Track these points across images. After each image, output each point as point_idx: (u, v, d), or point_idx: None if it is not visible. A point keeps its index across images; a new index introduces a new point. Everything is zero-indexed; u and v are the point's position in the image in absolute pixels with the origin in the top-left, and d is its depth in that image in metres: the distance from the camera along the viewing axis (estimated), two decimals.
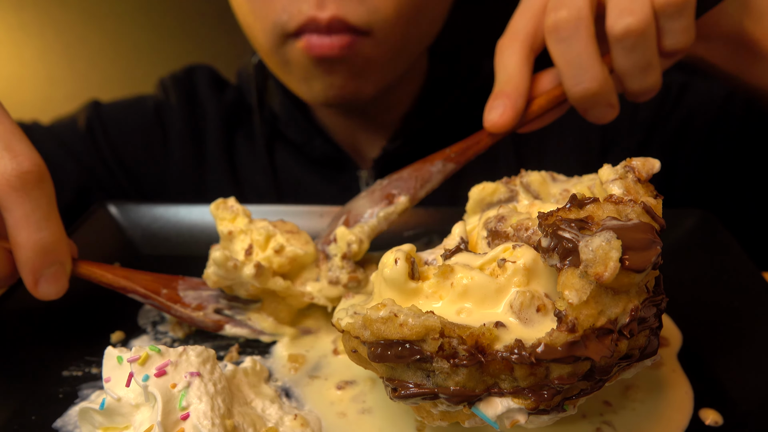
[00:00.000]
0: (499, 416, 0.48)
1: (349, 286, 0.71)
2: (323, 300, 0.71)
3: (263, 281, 0.68)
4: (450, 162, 0.75)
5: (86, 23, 1.98)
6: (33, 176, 0.60)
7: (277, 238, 0.71)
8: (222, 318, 0.72)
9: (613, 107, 0.74)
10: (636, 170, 0.54)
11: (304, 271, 0.73)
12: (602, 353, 0.45)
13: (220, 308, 0.73)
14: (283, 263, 0.70)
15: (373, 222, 0.74)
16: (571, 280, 0.45)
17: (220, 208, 0.75)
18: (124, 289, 0.69)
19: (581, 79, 0.70)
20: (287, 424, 0.57)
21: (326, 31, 0.88)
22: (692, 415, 0.58)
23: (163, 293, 0.71)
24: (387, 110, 1.15)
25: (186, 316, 0.70)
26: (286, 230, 0.73)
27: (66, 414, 0.60)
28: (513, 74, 0.73)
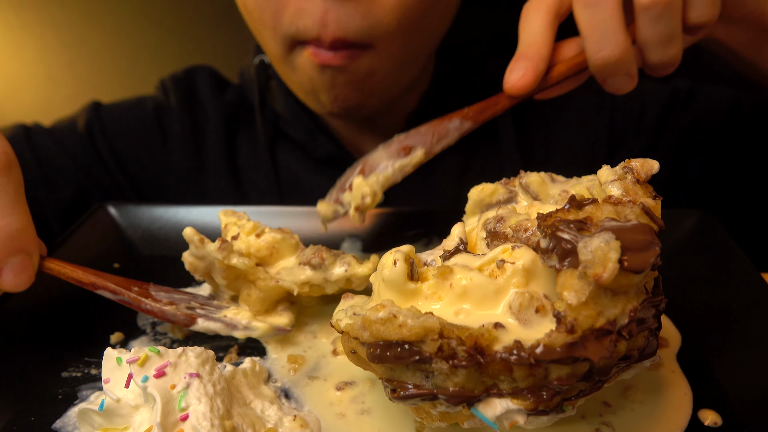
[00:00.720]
0: (498, 417, 0.48)
1: (313, 262, 0.70)
2: (289, 283, 0.69)
3: (227, 256, 0.69)
4: (467, 120, 0.76)
5: (86, 23, 1.98)
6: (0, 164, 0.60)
7: (263, 228, 0.74)
8: (194, 313, 0.71)
9: (632, 78, 0.74)
10: (635, 171, 0.54)
11: (282, 260, 0.73)
12: (601, 354, 0.45)
13: (192, 306, 0.72)
14: (261, 247, 0.72)
15: (388, 172, 0.75)
16: (570, 281, 0.45)
17: (228, 213, 0.78)
18: (94, 285, 0.68)
19: (604, 45, 0.70)
20: (286, 425, 0.57)
21: (329, 48, 0.90)
22: (691, 416, 0.58)
23: (133, 290, 0.70)
24: (392, 111, 1.15)
25: (157, 309, 0.69)
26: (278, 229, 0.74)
27: (65, 415, 0.60)
28: (536, 38, 0.73)
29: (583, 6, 0.70)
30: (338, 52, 0.90)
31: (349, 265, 0.71)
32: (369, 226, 0.88)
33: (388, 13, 0.88)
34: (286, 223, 0.88)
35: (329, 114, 1.09)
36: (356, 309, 0.52)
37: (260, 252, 0.72)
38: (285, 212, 0.90)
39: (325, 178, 1.14)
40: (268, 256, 0.72)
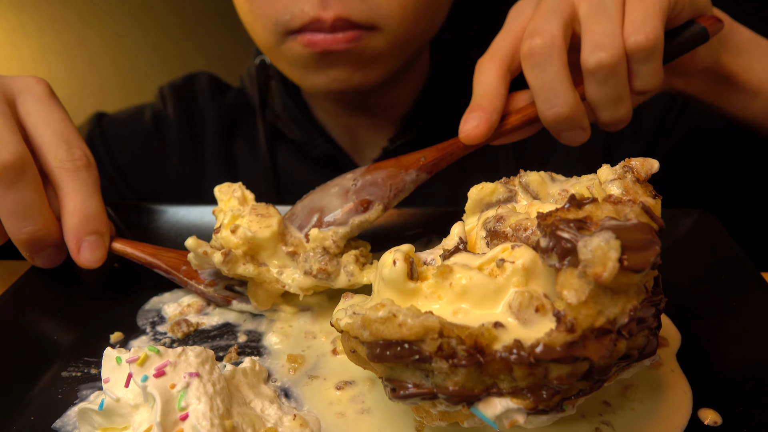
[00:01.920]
0: (498, 416, 0.48)
1: (318, 277, 0.71)
2: (295, 288, 0.72)
3: (232, 268, 0.70)
4: (423, 172, 0.78)
5: (86, 24, 1.98)
6: (82, 162, 0.73)
7: (238, 220, 0.73)
8: (230, 294, 0.76)
9: (585, 130, 0.76)
10: (635, 170, 0.54)
11: (263, 251, 0.73)
12: (601, 353, 0.45)
13: (231, 285, 0.77)
14: (238, 244, 0.71)
15: (346, 229, 0.75)
16: (570, 280, 0.45)
17: (222, 190, 0.79)
18: (150, 265, 0.77)
19: (554, 102, 0.72)
20: (286, 425, 0.57)
21: (330, 30, 0.90)
22: (691, 415, 0.58)
23: (182, 269, 0.76)
24: (388, 109, 1.17)
25: (199, 290, 0.76)
26: (258, 213, 0.74)
27: (65, 414, 0.60)
28: (489, 90, 0.75)
29: (530, 66, 0.72)
30: (340, 34, 0.91)
31: (352, 275, 0.72)
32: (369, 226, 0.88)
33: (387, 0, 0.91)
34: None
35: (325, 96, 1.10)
36: (356, 308, 0.52)
37: (239, 248, 0.72)
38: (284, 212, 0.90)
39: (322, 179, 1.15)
40: (249, 250, 0.72)
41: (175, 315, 0.74)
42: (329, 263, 0.72)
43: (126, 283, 0.80)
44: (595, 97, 0.74)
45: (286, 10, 0.90)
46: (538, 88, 0.73)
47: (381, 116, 1.18)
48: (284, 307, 0.75)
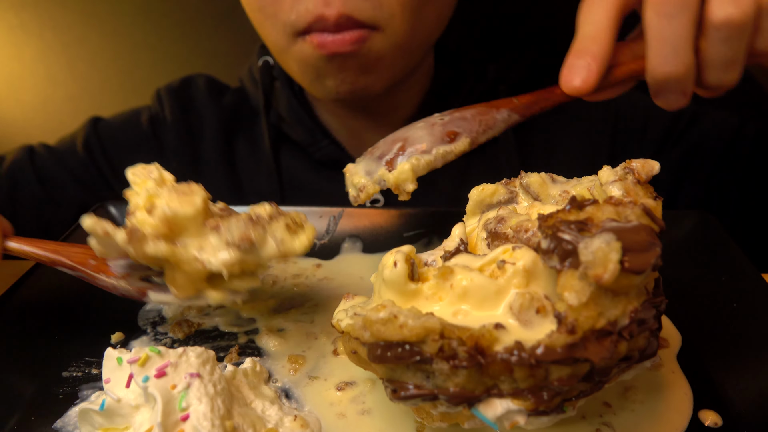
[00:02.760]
0: (498, 417, 0.48)
1: (242, 247, 0.62)
2: (217, 265, 0.62)
3: (139, 248, 0.60)
4: (515, 113, 0.73)
5: (86, 24, 1.98)
6: None
7: (154, 199, 0.63)
8: (145, 285, 0.67)
9: (686, 97, 0.71)
10: (635, 172, 0.54)
11: (186, 232, 0.63)
12: (602, 355, 0.45)
13: (148, 275, 0.68)
14: (157, 225, 0.61)
15: (430, 158, 0.69)
16: (571, 281, 0.45)
17: (137, 172, 0.69)
18: (53, 263, 0.68)
19: (670, 60, 0.66)
20: (287, 425, 0.57)
21: (335, 29, 0.89)
22: (692, 417, 0.58)
23: (90, 264, 0.68)
24: (392, 111, 1.16)
25: (110, 285, 0.67)
26: (178, 191, 0.65)
27: (66, 414, 0.60)
28: (600, 31, 0.68)
29: (657, 14, 0.66)
30: (346, 34, 0.89)
31: (282, 242, 0.64)
32: (369, 226, 0.88)
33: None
34: None
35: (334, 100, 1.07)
36: (357, 309, 0.52)
37: (159, 230, 0.62)
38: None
39: (326, 180, 1.15)
40: (169, 232, 0.62)
41: (176, 315, 0.74)
42: (253, 230, 0.63)
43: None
44: (710, 55, 0.67)
45: (291, 9, 0.89)
46: (657, 41, 0.66)
47: (385, 118, 1.16)
48: (210, 293, 0.66)
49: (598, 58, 0.68)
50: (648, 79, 0.70)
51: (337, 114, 1.16)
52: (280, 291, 0.79)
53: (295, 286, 0.80)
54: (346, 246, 0.88)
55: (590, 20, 0.69)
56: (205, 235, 0.63)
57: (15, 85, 2.07)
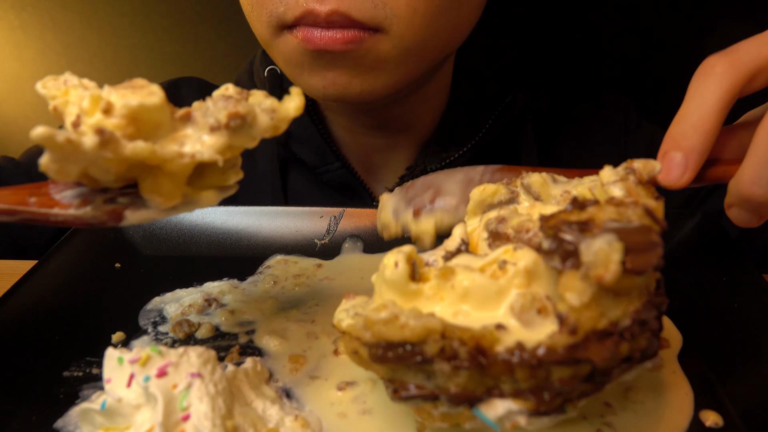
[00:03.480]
0: (499, 418, 0.48)
1: (232, 125, 0.53)
2: (208, 152, 0.53)
3: (116, 149, 0.49)
4: None
5: (86, 24, 1.98)
6: None
7: (106, 97, 0.52)
8: (116, 206, 0.56)
9: (761, 220, 0.64)
10: (637, 172, 0.54)
11: (158, 131, 0.54)
12: (603, 355, 0.45)
13: (111, 197, 0.56)
14: (121, 125, 0.51)
15: (452, 219, 0.67)
16: (572, 282, 0.45)
17: (48, 86, 0.56)
18: None
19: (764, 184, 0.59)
20: (288, 425, 0.57)
21: (326, 25, 0.79)
22: (692, 417, 0.58)
23: (31, 202, 0.55)
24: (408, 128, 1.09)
25: (70, 218, 0.55)
26: (126, 87, 0.53)
27: (67, 414, 0.60)
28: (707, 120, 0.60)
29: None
30: (339, 33, 0.79)
31: (273, 110, 0.56)
32: (370, 226, 0.88)
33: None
34: (286, 223, 0.88)
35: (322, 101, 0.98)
36: (358, 309, 0.52)
37: (125, 131, 0.51)
38: (286, 212, 0.90)
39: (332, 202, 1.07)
40: (136, 132, 0.52)
41: (177, 315, 0.74)
42: (238, 105, 0.54)
43: (127, 283, 0.80)
44: None
45: (280, 2, 0.81)
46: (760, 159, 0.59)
47: (400, 137, 1.08)
48: (201, 194, 0.58)
49: (697, 153, 0.61)
50: (732, 188, 0.63)
51: (352, 130, 1.09)
52: (280, 291, 0.79)
53: (296, 286, 0.80)
54: (347, 246, 0.88)
55: (699, 97, 0.61)
56: (177, 128, 0.54)
57: (15, 86, 2.08)
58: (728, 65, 0.59)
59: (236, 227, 0.88)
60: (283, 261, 0.85)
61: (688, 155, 0.61)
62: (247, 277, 0.82)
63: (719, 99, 0.59)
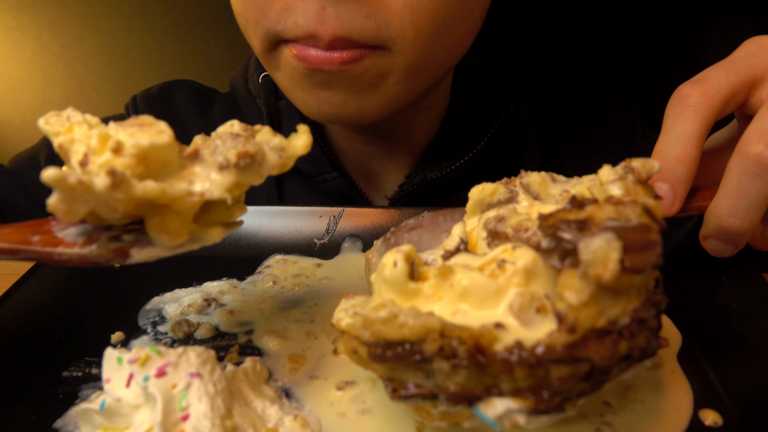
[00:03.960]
0: (498, 416, 0.48)
1: (241, 164, 0.53)
2: (218, 191, 0.53)
3: (128, 190, 0.49)
4: None
5: (83, 25, 1.98)
6: None
7: (115, 136, 0.51)
8: (122, 244, 0.55)
9: (736, 250, 0.68)
10: (636, 171, 0.54)
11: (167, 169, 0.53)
12: (602, 354, 0.45)
13: (116, 234, 0.56)
14: (131, 165, 0.51)
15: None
16: (571, 280, 0.45)
17: (51, 122, 0.56)
18: None
19: (740, 215, 0.63)
20: (287, 425, 0.57)
21: (326, 48, 0.77)
22: (692, 416, 0.58)
23: (34, 241, 0.54)
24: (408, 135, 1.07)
25: (75, 257, 0.54)
26: (133, 125, 0.53)
27: (66, 414, 0.60)
28: (688, 152, 0.63)
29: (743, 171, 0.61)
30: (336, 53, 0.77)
31: (281, 148, 0.56)
32: (369, 226, 0.88)
33: (398, 16, 0.76)
34: (285, 223, 0.88)
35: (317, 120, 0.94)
36: (357, 309, 0.52)
37: (135, 170, 0.51)
38: (285, 212, 0.90)
39: None
40: (145, 171, 0.52)
41: (176, 315, 0.74)
42: (247, 143, 0.54)
43: (127, 283, 0.80)
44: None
45: (278, 21, 0.78)
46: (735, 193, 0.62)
47: (401, 144, 1.07)
48: (208, 231, 0.59)
49: (683, 183, 0.64)
50: (709, 220, 0.66)
51: (349, 137, 1.08)
52: (280, 291, 0.79)
53: (296, 286, 0.80)
54: (347, 245, 0.87)
55: (678, 128, 0.63)
56: (185, 166, 0.54)
57: (13, 87, 2.08)
58: (702, 96, 0.62)
59: None
60: (283, 261, 0.85)
61: (676, 186, 0.63)
62: (247, 277, 0.82)
63: (698, 129, 0.62)
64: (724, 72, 0.63)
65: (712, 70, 0.64)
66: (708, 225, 0.66)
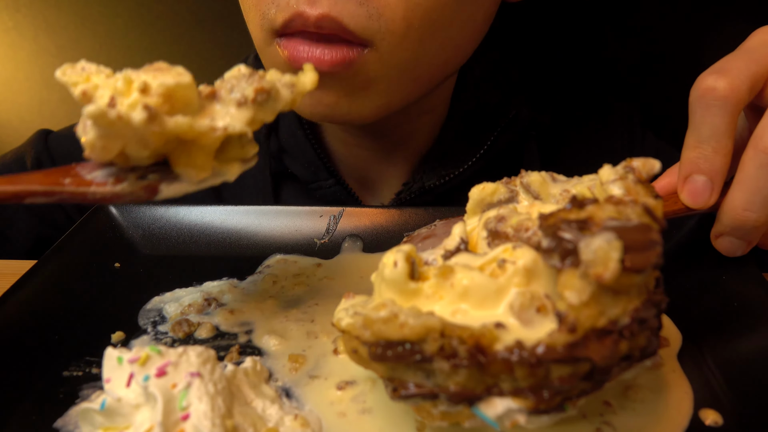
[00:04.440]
0: (499, 416, 0.48)
1: (258, 100, 0.58)
2: (239, 125, 0.58)
3: (162, 123, 0.54)
4: None
5: (80, 26, 1.98)
6: None
7: (140, 78, 0.55)
8: (151, 181, 0.59)
9: (749, 246, 0.68)
10: (636, 171, 0.54)
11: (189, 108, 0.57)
12: (603, 354, 0.45)
13: (142, 174, 0.59)
14: (158, 103, 0.54)
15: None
16: (572, 280, 0.45)
17: (67, 73, 0.58)
18: (17, 196, 0.56)
19: (756, 208, 0.62)
20: (287, 425, 0.57)
21: (315, 29, 0.74)
22: (692, 416, 0.58)
23: (67, 182, 0.57)
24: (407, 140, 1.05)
25: (109, 194, 0.57)
26: (153, 69, 0.57)
27: (66, 414, 0.60)
28: (723, 144, 0.63)
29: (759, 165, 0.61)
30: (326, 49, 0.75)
31: (291, 84, 0.61)
32: (370, 226, 0.88)
33: (391, 8, 0.74)
34: (286, 223, 0.88)
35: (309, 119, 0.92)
36: (357, 308, 0.52)
37: (162, 108, 0.55)
38: (286, 211, 0.90)
39: None
40: (170, 110, 0.55)
41: (177, 315, 0.74)
42: (262, 80, 0.59)
43: (127, 282, 0.80)
44: None
45: (273, 2, 0.76)
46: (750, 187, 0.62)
47: (396, 149, 1.04)
48: (229, 167, 0.62)
49: (720, 174, 0.64)
50: (723, 215, 0.66)
51: (346, 141, 1.05)
52: (280, 291, 0.79)
53: (296, 286, 0.80)
54: (347, 245, 0.87)
55: (708, 124, 0.63)
56: (205, 105, 0.59)
57: (10, 88, 2.08)
58: (728, 87, 0.61)
59: (236, 227, 0.88)
60: (283, 260, 0.85)
61: (714, 177, 0.63)
62: (247, 277, 0.82)
63: (729, 123, 0.62)
64: (743, 61, 0.63)
65: (730, 59, 0.64)
66: (722, 221, 0.66)
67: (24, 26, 1.98)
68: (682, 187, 0.66)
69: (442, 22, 0.79)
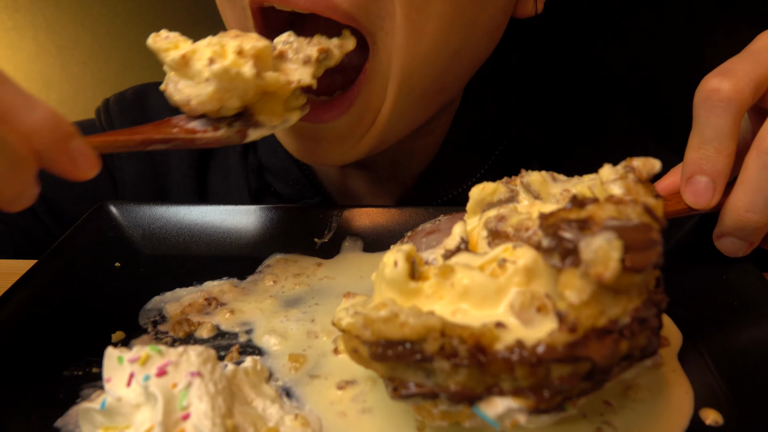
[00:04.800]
0: (499, 416, 0.48)
1: (321, 59, 0.71)
2: (308, 78, 0.70)
3: (262, 77, 0.66)
4: None
5: (79, 26, 1.99)
6: None
7: (231, 44, 0.65)
8: (241, 127, 0.70)
9: (751, 248, 0.68)
10: (636, 170, 0.54)
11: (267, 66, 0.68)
12: (603, 353, 0.45)
13: (230, 122, 0.69)
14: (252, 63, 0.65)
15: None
16: (572, 280, 0.45)
17: (158, 41, 0.67)
18: (144, 143, 0.64)
19: (758, 209, 0.63)
20: (288, 424, 0.57)
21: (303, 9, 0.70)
22: (692, 415, 0.58)
23: (175, 132, 0.67)
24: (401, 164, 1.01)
25: (212, 139, 0.68)
26: (231, 35, 0.67)
27: (67, 414, 0.60)
28: (726, 146, 0.63)
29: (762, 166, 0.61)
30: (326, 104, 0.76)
31: (341, 46, 0.74)
32: (369, 226, 0.88)
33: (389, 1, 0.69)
34: (285, 222, 0.88)
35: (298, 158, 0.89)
36: (358, 308, 0.52)
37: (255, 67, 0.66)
38: (286, 211, 0.90)
39: None
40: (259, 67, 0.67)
41: (177, 314, 0.74)
42: (322, 42, 0.72)
43: (127, 282, 0.80)
44: None
45: None
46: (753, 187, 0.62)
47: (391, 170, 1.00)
48: (291, 114, 0.74)
49: (723, 175, 0.64)
50: (726, 217, 0.66)
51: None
52: (280, 290, 0.79)
53: (296, 285, 0.80)
54: (347, 245, 0.87)
55: (712, 125, 0.63)
56: (277, 64, 0.70)
57: None
58: (732, 89, 0.61)
59: (236, 226, 0.88)
60: (283, 260, 0.85)
61: (716, 178, 0.64)
62: (247, 276, 0.82)
63: (733, 124, 0.62)
64: (749, 64, 0.63)
65: (735, 62, 0.64)
66: (724, 222, 0.67)
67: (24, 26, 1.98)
68: (684, 188, 0.67)
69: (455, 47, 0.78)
